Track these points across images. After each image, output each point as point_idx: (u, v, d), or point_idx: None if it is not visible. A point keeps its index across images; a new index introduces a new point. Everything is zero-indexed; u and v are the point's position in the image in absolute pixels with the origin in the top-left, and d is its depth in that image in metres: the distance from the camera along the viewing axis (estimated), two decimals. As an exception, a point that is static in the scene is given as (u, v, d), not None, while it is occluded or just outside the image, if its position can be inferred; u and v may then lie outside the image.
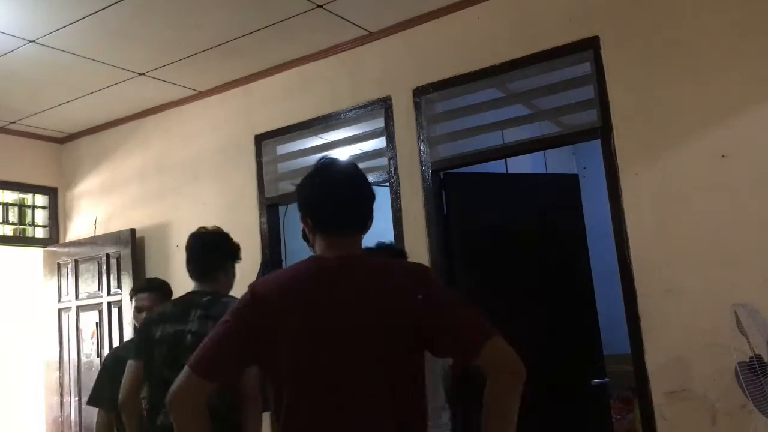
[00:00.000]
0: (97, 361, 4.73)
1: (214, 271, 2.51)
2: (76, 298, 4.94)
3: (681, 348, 2.81)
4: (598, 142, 3.13)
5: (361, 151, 3.98)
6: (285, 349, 1.59)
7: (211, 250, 2.52)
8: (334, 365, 1.57)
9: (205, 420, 1.62)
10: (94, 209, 5.11)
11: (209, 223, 4.37)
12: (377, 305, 1.59)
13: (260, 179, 4.22)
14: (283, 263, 4.25)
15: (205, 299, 2.43)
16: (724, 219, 2.76)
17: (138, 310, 3.11)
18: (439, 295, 1.65)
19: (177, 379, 1.60)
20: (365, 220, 1.71)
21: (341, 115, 3.92)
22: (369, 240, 1.78)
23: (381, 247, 2.93)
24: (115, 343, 4.64)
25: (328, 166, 1.73)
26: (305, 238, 1.74)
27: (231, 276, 2.63)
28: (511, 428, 1.55)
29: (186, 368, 1.60)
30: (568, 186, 3.94)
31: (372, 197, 1.73)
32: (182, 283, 4.59)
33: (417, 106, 3.63)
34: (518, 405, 1.56)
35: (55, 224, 5.27)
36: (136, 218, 4.80)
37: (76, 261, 4.95)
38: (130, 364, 2.49)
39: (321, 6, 3.40)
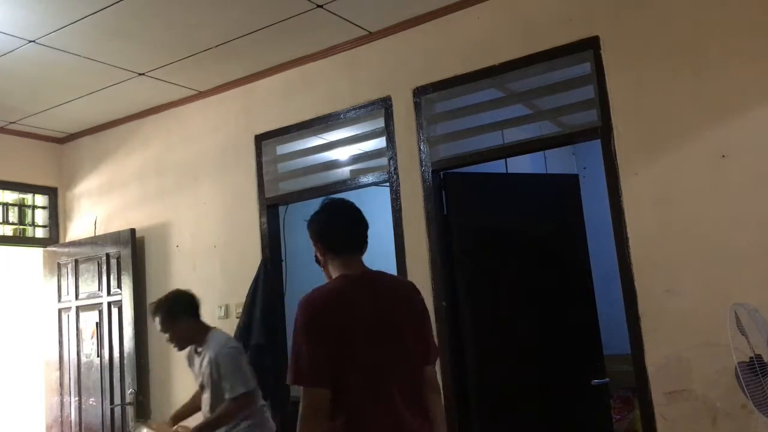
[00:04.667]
0: (97, 361, 4.73)
1: None
2: (76, 298, 4.94)
3: (681, 348, 2.81)
4: (598, 142, 3.13)
5: (361, 151, 3.98)
6: (347, 349, 1.91)
7: None
8: (386, 361, 1.96)
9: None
10: (94, 209, 5.11)
11: (209, 223, 4.41)
12: (405, 309, 2.08)
13: (260, 179, 4.22)
14: (283, 263, 4.26)
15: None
16: (724, 219, 2.76)
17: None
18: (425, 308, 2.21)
19: (301, 401, 1.88)
20: (365, 244, 2.15)
21: (341, 115, 3.92)
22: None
23: None
24: (115, 343, 4.65)
25: (333, 204, 2.18)
26: (317, 261, 2.16)
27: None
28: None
29: (302, 388, 1.89)
30: (568, 186, 3.93)
31: (368, 226, 2.16)
32: (181, 284, 4.60)
33: (417, 106, 3.63)
34: None
35: (55, 224, 5.27)
36: (136, 218, 4.80)
37: (76, 261, 4.95)
38: None
39: (321, 6, 3.40)
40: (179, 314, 3.16)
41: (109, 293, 4.75)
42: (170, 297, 3.25)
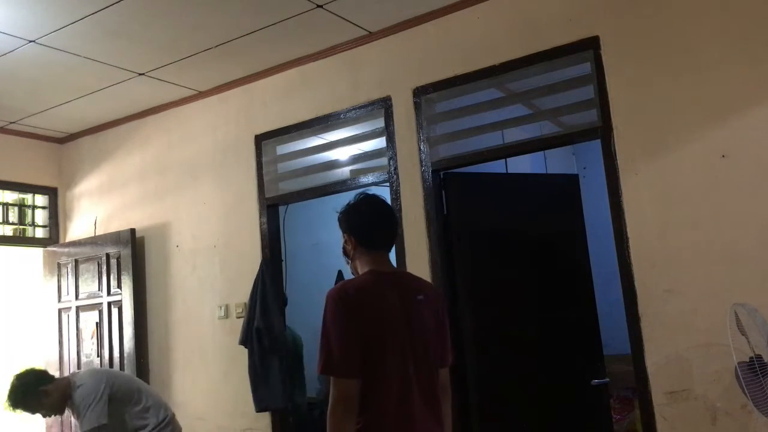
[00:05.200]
0: (97, 361, 4.73)
1: None
2: (76, 298, 4.94)
3: (681, 348, 2.81)
4: (598, 142, 3.13)
5: (361, 151, 3.98)
6: (373, 345, 1.92)
7: None
8: (409, 360, 1.98)
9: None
10: (94, 209, 5.11)
11: (209, 223, 4.40)
12: (429, 311, 2.10)
13: (260, 179, 4.22)
14: (283, 263, 4.26)
15: None
16: (724, 219, 2.76)
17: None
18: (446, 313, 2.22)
19: (331, 392, 1.89)
20: (394, 242, 2.23)
21: (341, 115, 3.92)
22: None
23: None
24: (115, 343, 4.65)
25: (368, 198, 2.19)
26: (345, 253, 2.18)
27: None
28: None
29: (332, 378, 1.90)
30: (568, 186, 3.93)
31: (398, 224, 2.14)
32: (181, 284, 4.61)
33: (417, 106, 3.63)
34: None
35: (55, 224, 5.27)
36: (136, 218, 4.80)
37: (76, 261, 4.95)
38: None
39: (321, 6, 3.40)
40: (37, 392, 3.12)
41: (109, 293, 4.75)
42: (17, 386, 3.15)
